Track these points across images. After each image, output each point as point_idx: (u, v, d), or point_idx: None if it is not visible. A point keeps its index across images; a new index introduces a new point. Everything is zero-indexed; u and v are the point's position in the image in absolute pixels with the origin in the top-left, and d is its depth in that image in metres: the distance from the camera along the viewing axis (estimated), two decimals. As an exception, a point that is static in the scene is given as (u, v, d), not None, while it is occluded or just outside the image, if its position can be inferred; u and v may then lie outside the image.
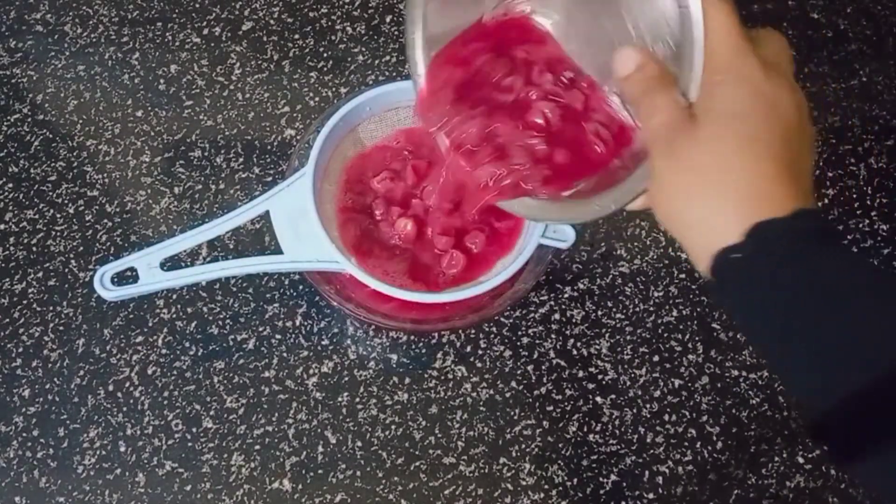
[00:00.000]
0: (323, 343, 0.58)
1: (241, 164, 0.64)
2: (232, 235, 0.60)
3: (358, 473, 0.54)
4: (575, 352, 0.58)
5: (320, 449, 0.55)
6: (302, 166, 0.55)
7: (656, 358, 0.58)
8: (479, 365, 0.58)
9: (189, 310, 0.59)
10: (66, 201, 0.62)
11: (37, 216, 0.62)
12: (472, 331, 0.58)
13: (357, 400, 0.56)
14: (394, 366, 0.57)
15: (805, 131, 0.34)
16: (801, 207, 0.32)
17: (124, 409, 0.56)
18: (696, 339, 0.59)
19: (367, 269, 0.54)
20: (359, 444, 0.55)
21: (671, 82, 0.36)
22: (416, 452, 0.55)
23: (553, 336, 0.58)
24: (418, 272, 0.56)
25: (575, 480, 0.54)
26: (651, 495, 0.54)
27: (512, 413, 0.56)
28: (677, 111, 0.35)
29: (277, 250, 0.53)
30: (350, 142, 0.58)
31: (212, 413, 0.56)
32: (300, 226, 0.53)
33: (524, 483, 0.54)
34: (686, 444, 0.56)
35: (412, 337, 0.58)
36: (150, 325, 0.58)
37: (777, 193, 0.32)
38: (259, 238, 0.61)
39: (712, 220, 0.33)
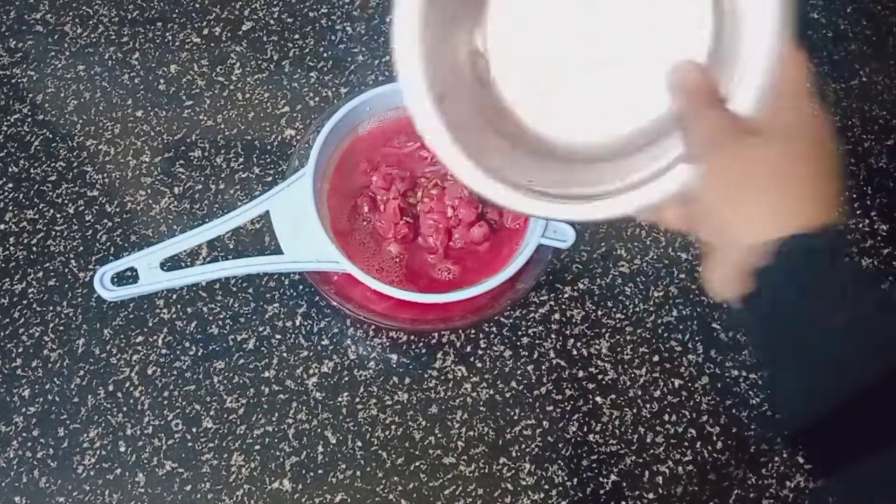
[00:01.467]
0: (323, 343, 0.58)
1: (241, 164, 0.64)
2: (232, 235, 0.60)
3: (358, 473, 0.54)
4: (575, 352, 0.58)
5: (320, 449, 0.55)
6: (302, 166, 0.55)
7: (656, 358, 0.58)
8: (479, 365, 0.58)
9: (189, 310, 0.59)
10: (66, 201, 0.62)
11: (37, 216, 0.62)
12: (472, 331, 0.58)
13: (357, 400, 0.56)
14: (394, 366, 0.57)
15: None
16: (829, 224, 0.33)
17: (124, 409, 0.56)
18: (696, 339, 0.59)
19: (366, 269, 0.54)
20: (359, 444, 0.55)
21: (713, 94, 0.36)
22: (416, 452, 0.55)
23: (553, 336, 0.58)
24: (414, 276, 0.56)
25: (575, 480, 0.54)
26: (651, 495, 0.54)
27: (512, 413, 0.56)
28: (724, 121, 0.35)
29: (277, 250, 0.53)
30: (349, 142, 0.58)
31: (212, 413, 0.56)
32: (300, 226, 0.53)
33: (524, 483, 0.54)
34: (686, 444, 0.56)
35: (412, 337, 0.58)
36: (150, 325, 0.58)
37: (812, 210, 0.34)
38: (259, 238, 0.61)
39: (757, 217, 0.34)
